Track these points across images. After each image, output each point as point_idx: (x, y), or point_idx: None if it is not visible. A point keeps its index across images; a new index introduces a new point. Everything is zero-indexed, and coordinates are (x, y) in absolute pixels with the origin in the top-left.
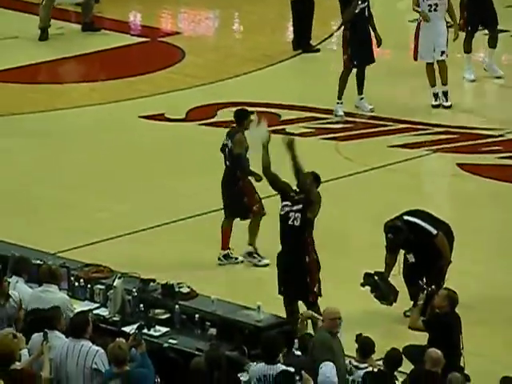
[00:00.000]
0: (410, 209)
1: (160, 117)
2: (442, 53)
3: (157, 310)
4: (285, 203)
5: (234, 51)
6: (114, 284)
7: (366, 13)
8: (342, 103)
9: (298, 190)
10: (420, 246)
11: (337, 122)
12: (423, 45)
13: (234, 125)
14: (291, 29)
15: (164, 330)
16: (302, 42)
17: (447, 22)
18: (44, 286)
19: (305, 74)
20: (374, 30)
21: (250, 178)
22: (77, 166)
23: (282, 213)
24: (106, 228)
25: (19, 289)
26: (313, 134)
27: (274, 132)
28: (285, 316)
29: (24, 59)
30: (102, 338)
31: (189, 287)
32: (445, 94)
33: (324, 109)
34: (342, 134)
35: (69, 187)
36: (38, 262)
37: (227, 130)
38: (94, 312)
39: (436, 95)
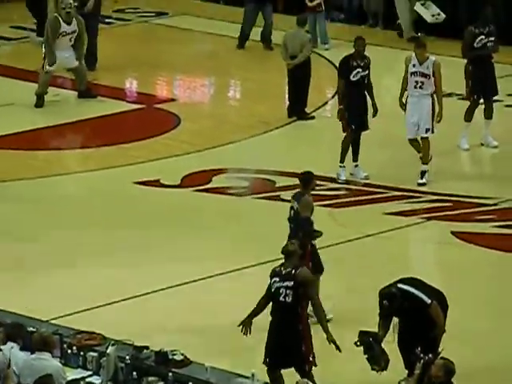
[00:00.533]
0: (405, 276)
1: (155, 183)
2: (427, 130)
3: (150, 378)
4: (274, 279)
5: (229, 118)
6: (107, 351)
7: (366, 81)
8: (344, 167)
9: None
10: (414, 313)
11: (331, 189)
12: (408, 121)
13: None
14: (286, 96)
15: None
16: (297, 109)
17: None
18: (37, 354)
19: (300, 141)
20: (372, 98)
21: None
22: (70, 232)
23: (273, 289)
24: (99, 294)
25: (14, 355)
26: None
27: (269, 198)
28: None
29: (20, 126)
30: None
31: (182, 354)
32: (422, 172)
33: (318, 175)
34: (336, 201)
35: (62, 253)
36: (31, 329)
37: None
38: (87, 380)
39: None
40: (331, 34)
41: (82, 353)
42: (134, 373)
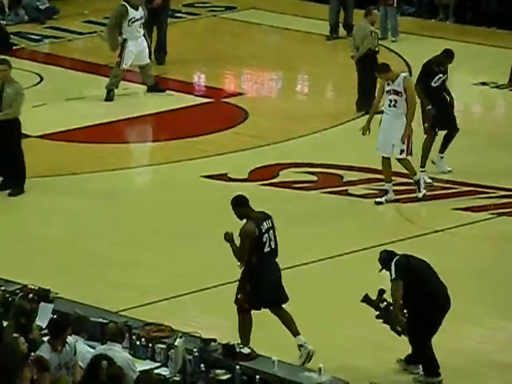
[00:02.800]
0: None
1: (223, 177)
2: (401, 151)
3: (217, 371)
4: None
5: (297, 112)
6: (175, 343)
7: (445, 83)
8: (425, 171)
9: None
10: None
11: (399, 184)
12: (381, 139)
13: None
14: (355, 90)
15: None
16: (366, 103)
17: None
18: (108, 345)
19: (368, 136)
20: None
21: None
22: (139, 225)
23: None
24: (166, 287)
25: (79, 348)
26: (375, 196)
27: (336, 193)
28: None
29: (91, 119)
30: None
31: (250, 348)
32: (416, 182)
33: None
34: (404, 196)
35: (131, 245)
36: (101, 320)
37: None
38: (155, 371)
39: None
40: (401, 28)
41: (150, 344)
42: (202, 365)
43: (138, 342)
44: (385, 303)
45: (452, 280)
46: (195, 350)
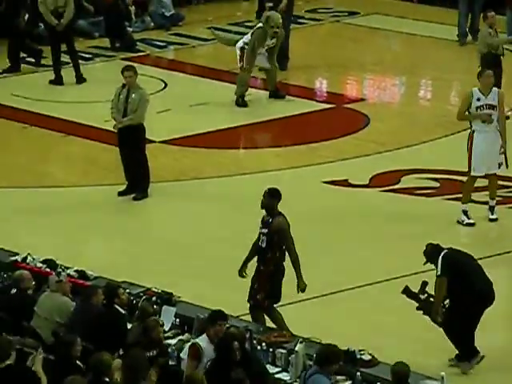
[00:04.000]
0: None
1: (343, 182)
2: (500, 165)
3: (338, 377)
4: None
5: (419, 118)
6: (296, 349)
7: None
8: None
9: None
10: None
11: None
12: (486, 157)
13: None
14: None
15: None
16: None
17: None
18: None
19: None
20: None
21: None
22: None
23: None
24: (289, 292)
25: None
26: (501, 203)
27: (459, 200)
28: None
29: (213, 125)
30: None
31: (370, 354)
32: (491, 208)
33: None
34: None
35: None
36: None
37: None
38: (276, 376)
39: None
40: None
41: (271, 349)
42: None
43: (258, 347)
44: (425, 295)
45: None
46: (315, 355)
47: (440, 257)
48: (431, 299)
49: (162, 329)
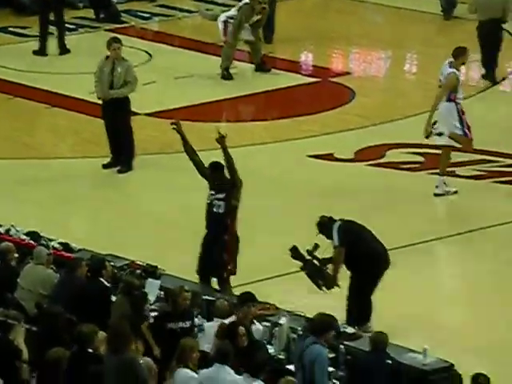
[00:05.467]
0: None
1: (329, 156)
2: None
3: None
4: (211, 192)
5: (404, 92)
6: (280, 322)
7: None
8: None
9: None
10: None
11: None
12: None
13: None
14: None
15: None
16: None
17: None
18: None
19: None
20: None
21: None
22: (245, 203)
23: (208, 201)
24: (273, 265)
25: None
26: (484, 177)
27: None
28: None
29: (198, 98)
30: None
31: (354, 328)
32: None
33: (495, 152)
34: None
35: (239, 223)
36: (208, 297)
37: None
38: None
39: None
40: None
41: (254, 321)
42: None
43: None
44: (311, 257)
45: None
46: (299, 328)
47: (335, 228)
48: (315, 261)
49: (188, 295)
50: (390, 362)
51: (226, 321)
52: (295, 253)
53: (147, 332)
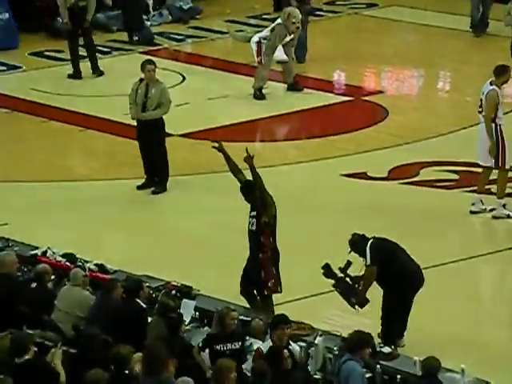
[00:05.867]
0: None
1: (362, 175)
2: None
3: None
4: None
5: (438, 110)
6: (316, 341)
7: None
8: None
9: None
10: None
11: None
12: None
13: None
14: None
15: None
16: None
17: None
18: None
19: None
20: None
21: None
22: (281, 223)
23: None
24: (309, 285)
25: None
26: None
27: (479, 192)
28: None
29: (232, 118)
30: None
31: (391, 347)
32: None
33: None
34: None
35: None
36: (243, 317)
37: None
38: None
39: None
40: None
41: (290, 342)
42: None
43: None
44: (342, 275)
45: None
46: (335, 348)
47: (367, 247)
48: (347, 279)
49: (236, 314)
50: None
51: (263, 346)
52: (327, 271)
53: (198, 356)
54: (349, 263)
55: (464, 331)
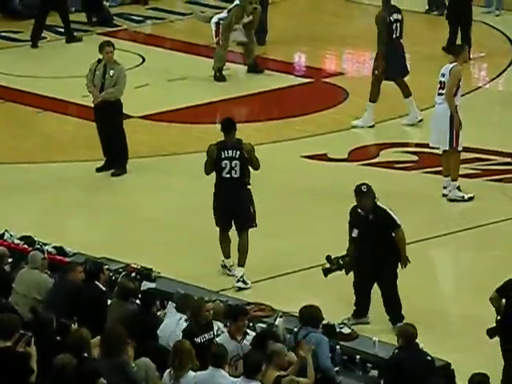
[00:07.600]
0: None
1: (323, 157)
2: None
3: None
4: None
5: (397, 92)
6: (276, 323)
7: None
8: None
9: None
10: (382, 232)
11: (503, 163)
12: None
13: None
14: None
15: None
16: None
17: None
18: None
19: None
20: None
21: None
22: None
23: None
24: (269, 266)
25: (181, 326)
26: (478, 176)
27: (437, 173)
28: None
29: (191, 100)
30: None
31: (350, 328)
32: None
33: (488, 150)
34: (509, 176)
35: None
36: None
37: None
38: None
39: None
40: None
41: (251, 324)
42: None
43: None
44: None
45: None
46: (295, 329)
47: (389, 211)
48: (340, 261)
49: (210, 305)
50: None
51: (220, 339)
52: (330, 262)
53: None
54: (343, 256)
55: (416, 312)
